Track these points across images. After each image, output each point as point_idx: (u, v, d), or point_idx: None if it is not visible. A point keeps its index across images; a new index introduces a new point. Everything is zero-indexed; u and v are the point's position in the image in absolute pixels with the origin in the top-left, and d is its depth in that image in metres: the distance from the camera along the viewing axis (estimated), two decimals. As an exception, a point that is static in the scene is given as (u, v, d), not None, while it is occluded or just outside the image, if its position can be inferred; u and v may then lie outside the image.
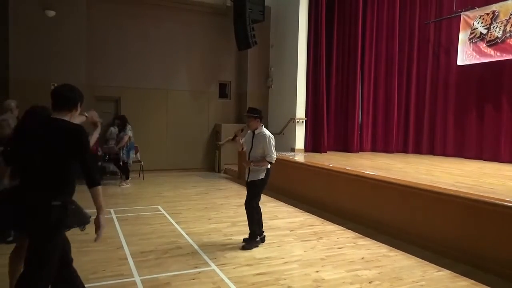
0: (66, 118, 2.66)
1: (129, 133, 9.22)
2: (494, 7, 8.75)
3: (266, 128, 5.00)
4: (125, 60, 10.43)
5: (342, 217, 6.27)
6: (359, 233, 5.51)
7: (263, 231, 5.04)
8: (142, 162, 9.99)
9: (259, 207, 4.99)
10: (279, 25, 11.52)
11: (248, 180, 4.91)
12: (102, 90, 10.26)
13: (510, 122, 8.70)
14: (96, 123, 3.31)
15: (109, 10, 10.21)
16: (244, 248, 4.73)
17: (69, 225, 2.98)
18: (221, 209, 6.84)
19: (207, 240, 5.04)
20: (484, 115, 9.18)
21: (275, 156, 4.83)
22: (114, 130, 10.01)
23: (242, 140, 5.06)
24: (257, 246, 4.80)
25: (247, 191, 5.00)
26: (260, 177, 4.81)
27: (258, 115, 4.88)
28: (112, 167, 10.05)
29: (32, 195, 2.53)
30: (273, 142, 4.81)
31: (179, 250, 4.61)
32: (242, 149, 5.08)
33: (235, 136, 5.04)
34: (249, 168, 4.88)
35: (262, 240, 4.97)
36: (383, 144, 11.12)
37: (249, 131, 5.00)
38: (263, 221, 5.06)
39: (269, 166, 4.84)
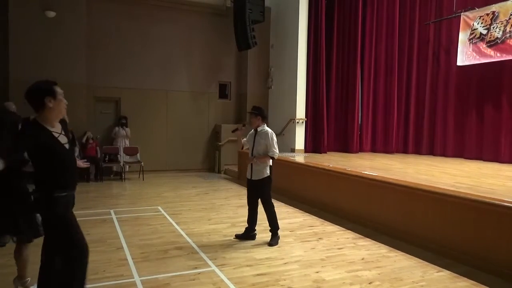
0: None
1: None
2: (494, 7, 8.76)
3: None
4: (125, 60, 10.44)
5: (342, 217, 6.27)
6: (359, 233, 5.51)
7: (255, 230, 5.16)
8: (142, 163, 9.99)
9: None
10: (279, 25, 11.52)
11: (253, 179, 4.99)
12: (102, 91, 10.27)
13: (510, 123, 8.70)
14: None
15: (109, 10, 10.22)
16: (271, 245, 4.86)
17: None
18: (221, 209, 6.84)
19: (207, 240, 5.04)
20: (484, 115, 9.18)
21: (278, 152, 4.99)
22: (117, 129, 10.19)
23: (244, 139, 5.18)
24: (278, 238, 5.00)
25: (254, 191, 5.04)
26: (266, 175, 4.95)
27: (258, 112, 5.02)
28: (115, 167, 10.09)
29: None
30: (275, 139, 4.99)
31: (179, 251, 4.61)
32: (242, 148, 5.20)
33: (236, 129, 5.15)
34: (251, 167, 4.99)
35: (253, 237, 5.10)
36: (383, 145, 11.12)
37: (252, 130, 5.11)
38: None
39: (271, 162, 5.00)
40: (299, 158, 9.13)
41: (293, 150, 10.52)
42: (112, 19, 10.27)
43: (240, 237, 5.10)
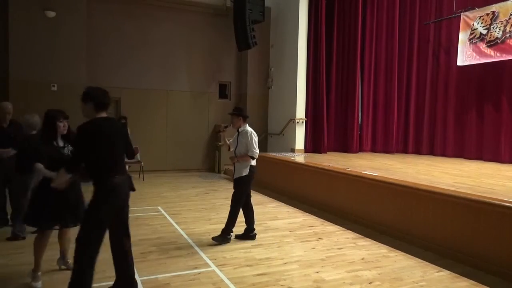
0: None
1: None
2: (494, 7, 8.76)
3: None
4: (125, 60, 10.44)
5: (342, 217, 6.27)
6: (359, 233, 5.51)
7: (255, 229, 5.18)
8: (142, 163, 9.99)
9: (241, 206, 5.11)
10: (279, 25, 11.53)
11: (234, 177, 5.11)
12: (102, 91, 10.25)
13: (510, 122, 8.70)
14: None
15: (109, 11, 10.22)
16: (214, 239, 4.88)
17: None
18: (221, 209, 6.83)
19: (207, 240, 5.03)
20: (484, 115, 9.19)
21: (257, 151, 5.01)
22: None
23: (230, 140, 5.26)
24: (228, 242, 4.91)
25: (234, 189, 5.15)
26: (244, 174, 4.98)
27: (239, 112, 5.11)
28: None
29: None
30: (255, 139, 5.00)
31: (179, 251, 4.62)
32: (230, 149, 5.27)
33: (219, 131, 5.27)
34: (234, 165, 5.09)
35: (253, 237, 5.12)
36: (383, 145, 11.13)
37: (236, 132, 5.17)
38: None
39: (253, 162, 5.02)
40: (299, 158, 9.13)
41: (293, 150, 10.52)
42: (112, 19, 10.27)
43: (240, 237, 5.11)
